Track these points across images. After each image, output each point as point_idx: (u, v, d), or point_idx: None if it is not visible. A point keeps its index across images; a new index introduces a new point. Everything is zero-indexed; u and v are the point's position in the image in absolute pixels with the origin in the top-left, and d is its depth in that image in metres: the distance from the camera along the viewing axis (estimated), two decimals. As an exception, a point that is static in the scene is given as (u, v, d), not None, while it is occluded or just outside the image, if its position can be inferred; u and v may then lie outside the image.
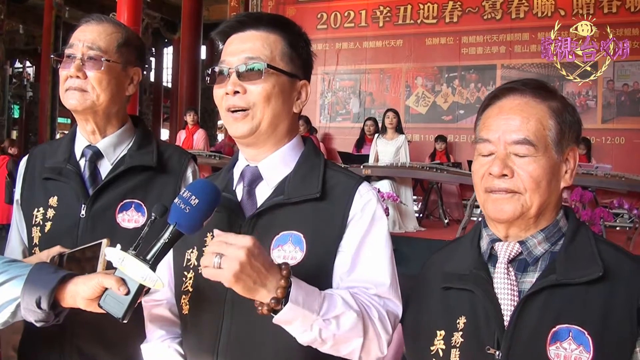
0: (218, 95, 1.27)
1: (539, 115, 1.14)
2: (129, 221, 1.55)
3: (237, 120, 1.24)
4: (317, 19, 10.82)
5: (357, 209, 1.24)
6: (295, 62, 1.28)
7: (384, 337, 1.18)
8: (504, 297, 1.13)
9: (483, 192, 1.18)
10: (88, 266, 1.31)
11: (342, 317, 1.12)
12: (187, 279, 1.30)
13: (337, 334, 1.11)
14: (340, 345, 1.14)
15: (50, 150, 1.67)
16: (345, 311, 1.12)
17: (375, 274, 1.23)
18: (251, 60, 1.23)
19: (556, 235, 1.17)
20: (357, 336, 1.14)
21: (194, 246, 1.30)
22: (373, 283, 1.22)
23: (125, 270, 1.11)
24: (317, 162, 1.30)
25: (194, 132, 9.57)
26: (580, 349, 1.04)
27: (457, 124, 9.96)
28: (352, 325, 1.13)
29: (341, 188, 1.26)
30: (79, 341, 1.51)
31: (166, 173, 1.62)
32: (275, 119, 1.26)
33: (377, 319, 1.17)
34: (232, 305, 1.22)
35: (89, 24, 1.58)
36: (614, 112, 9.15)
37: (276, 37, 1.27)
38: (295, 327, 1.09)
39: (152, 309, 1.39)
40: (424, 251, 1.21)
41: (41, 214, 1.57)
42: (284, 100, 1.26)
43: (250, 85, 1.23)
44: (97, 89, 1.54)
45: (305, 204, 1.24)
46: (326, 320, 1.10)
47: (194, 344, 1.29)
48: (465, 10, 9.94)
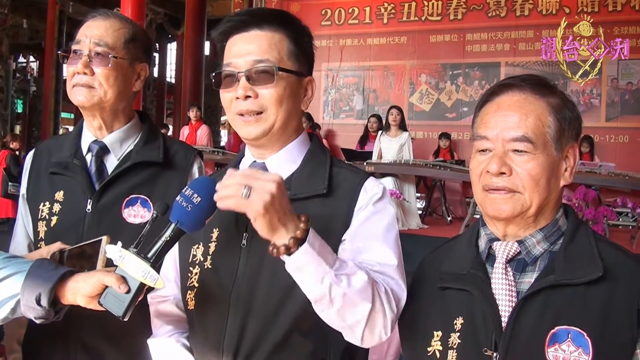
0: (226, 98, 1.26)
1: (537, 111, 1.12)
2: (134, 216, 1.55)
3: (249, 124, 1.23)
4: (321, 15, 10.80)
5: (362, 203, 1.24)
6: (301, 59, 1.27)
7: (389, 314, 1.13)
8: (502, 297, 1.11)
9: (481, 191, 1.16)
10: (88, 263, 1.31)
11: (353, 276, 1.09)
12: (193, 274, 1.30)
13: (347, 292, 1.07)
14: (347, 309, 1.09)
15: (57, 145, 1.67)
16: (357, 271, 1.10)
17: (380, 255, 1.21)
18: (260, 63, 1.21)
19: (555, 234, 1.15)
20: (366, 300, 1.09)
21: (199, 242, 1.30)
22: (378, 262, 1.20)
23: (126, 268, 1.10)
24: (323, 159, 1.30)
25: (197, 128, 9.57)
26: (579, 351, 1.02)
27: (461, 122, 9.94)
28: (363, 287, 1.09)
29: (347, 184, 1.26)
30: (83, 335, 1.52)
31: (172, 169, 1.63)
32: (287, 119, 1.25)
33: (384, 292, 1.14)
34: (237, 301, 1.22)
35: (96, 20, 1.57)
36: (618, 111, 9.12)
37: (281, 36, 1.25)
38: (307, 275, 1.06)
39: (158, 305, 1.40)
40: (426, 249, 1.21)
41: (47, 208, 1.58)
42: (294, 100, 1.26)
43: (262, 89, 1.22)
44: (105, 86, 1.54)
45: (312, 200, 1.24)
46: (338, 275, 1.07)
47: (200, 339, 1.29)
48: (470, 7, 9.91)
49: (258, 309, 1.20)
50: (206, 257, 1.28)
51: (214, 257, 1.28)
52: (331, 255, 1.09)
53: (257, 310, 1.20)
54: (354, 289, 1.08)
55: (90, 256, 1.33)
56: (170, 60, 21.34)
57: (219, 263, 1.26)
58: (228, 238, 1.26)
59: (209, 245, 1.29)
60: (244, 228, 1.24)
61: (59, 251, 1.40)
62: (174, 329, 1.37)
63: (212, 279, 1.27)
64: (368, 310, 1.10)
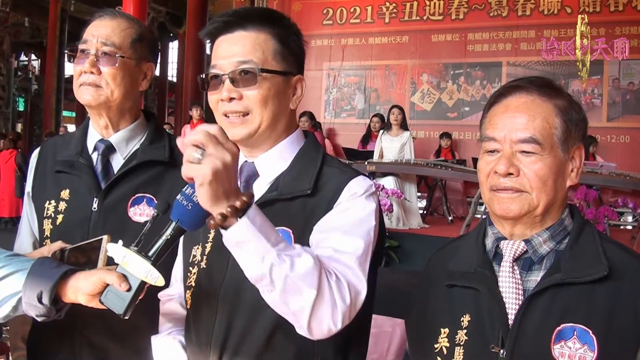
0: (212, 100, 1.26)
1: (545, 113, 1.14)
2: (140, 215, 1.55)
3: (235, 125, 1.23)
4: (323, 14, 10.79)
5: (341, 200, 1.20)
6: (287, 59, 1.26)
7: (339, 305, 1.05)
8: (509, 295, 1.12)
9: (488, 191, 1.17)
10: (89, 262, 1.32)
11: (297, 258, 1.02)
12: (192, 274, 1.31)
13: (290, 275, 1.00)
14: (290, 294, 1.02)
15: (63, 143, 1.67)
16: (302, 254, 1.03)
17: (339, 243, 1.14)
18: (243, 64, 1.20)
19: (561, 233, 1.16)
20: (311, 287, 1.02)
21: (199, 242, 1.31)
22: (334, 249, 1.13)
23: (127, 267, 1.10)
24: (315, 157, 1.28)
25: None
26: (584, 348, 1.04)
27: (462, 121, 9.94)
28: (307, 272, 1.02)
29: (332, 183, 1.23)
30: (89, 333, 1.52)
31: (178, 168, 1.60)
32: (274, 119, 1.24)
33: (334, 281, 1.06)
34: (225, 299, 1.23)
35: (103, 19, 1.58)
36: (619, 111, 9.11)
37: (266, 36, 1.24)
38: (246, 252, 1.01)
39: (164, 303, 1.42)
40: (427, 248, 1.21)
41: (53, 206, 1.58)
42: (280, 100, 1.25)
43: (246, 90, 1.21)
44: (111, 85, 1.54)
45: (297, 200, 1.22)
46: (280, 255, 1.01)
47: (192, 337, 1.31)
48: (472, 7, 9.90)
49: (243, 307, 1.21)
50: (202, 257, 1.29)
51: (209, 257, 1.28)
52: (275, 235, 1.03)
53: (243, 309, 1.21)
54: (298, 273, 1.01)
55: (91, 255, 1.34)
56: (172, 58, 21.34)
57: (212, 263, 1.27)
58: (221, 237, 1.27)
59: (206, 245, 1.30)
60: None
61: (60, 250, 1.41)
62: (173, 327, 1.39)
63: (205, 279, 1.28)
64: (313, 298, 1.02)
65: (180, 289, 1.38)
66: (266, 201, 1.22)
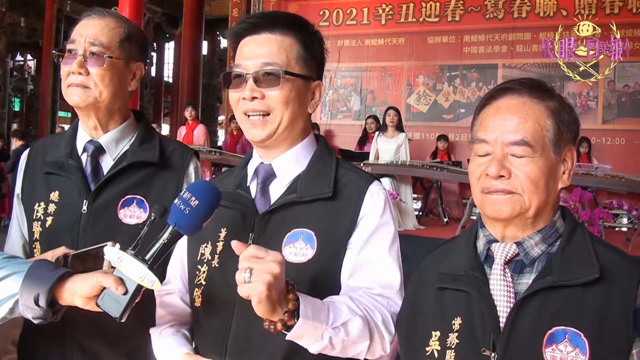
0: (234, 98, 1.29)
1: (536, 115, 1.13)
2: (130, 217, 1.54)
3: (255, 126, 1.27)
4: (319, 16, 10.80)
5: (367, 208, 1.27)
6: (309, 64, 1.30)
7: (387, 337, 1.21)
8: (500, 298, 1.12)
9: (480, 193, 1.17)
10: (92, 268, 1.31)
11: (349, 323, 1.15)
12: (201, 272, 1.32)
13: (346, 339, 1.14)
14: (348, 349, 1.17)
15: (52, 144, 1.66)
16: (351, 317, 1.15)
17: (382, 275, 1.26)
18: (268, 65, 1.25)
19: (553, 236, 1.16)
20: (365, 340, 1.17)
21: (208, 241, 1.32)
22: (378, 284, 1.24)
23: (124, 270, 1.11)
24: (329, 161, 1.33)
25: (194, 127, 9.56)
26: (576, 351, 1.03)
27: (458, 123, 9.96)
28: (359, 331, 1.16)
29: (352, 187, 1.29)
30: (79, 336, 1.51)
31: (168, 169, 1.62)
32: (293, 121, 1.28)
33: (381, 322, 1.20)
34: (242, 302, 1.22)
35: (91, 19, 1.56)
36: (615, 113, 9.14)
37: (291, 40, 1.28)
38: (307, 339, 1.11)
39: (163, 297, 1.41)
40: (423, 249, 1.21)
41: (42, 208, 1.57)
42: (300, 102, 1.29)
43: (268, 90, 1.25)
44: (100, 86, 1.53)
45: (317, 203, 1.26)
46: (335, 328, 1.12)
47: (204, 337, 1.32)
48: (468, 9, 9.93)
49: None
50: (214, 256, 1.31)
51: (221, 256, 1.30)
52: (325, 311, 1.12)
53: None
54: (352, 335, 1.15)
55: (94, 261, 1.33)
56: (168, 59, 21.34)
57: (226, 262, 1.28)
58: (235, 237, 1.26)
59: (217, 244, 1.31)
60: (250, 227, 1.27)
61: (63, 256, 1.39)
62: (175, 319, 1.39)
63: (219, 278, 1.29)
64: (367, 345, 1.18)
65: (179, 285, 1.40)
66: (287, 203, 1.26)
